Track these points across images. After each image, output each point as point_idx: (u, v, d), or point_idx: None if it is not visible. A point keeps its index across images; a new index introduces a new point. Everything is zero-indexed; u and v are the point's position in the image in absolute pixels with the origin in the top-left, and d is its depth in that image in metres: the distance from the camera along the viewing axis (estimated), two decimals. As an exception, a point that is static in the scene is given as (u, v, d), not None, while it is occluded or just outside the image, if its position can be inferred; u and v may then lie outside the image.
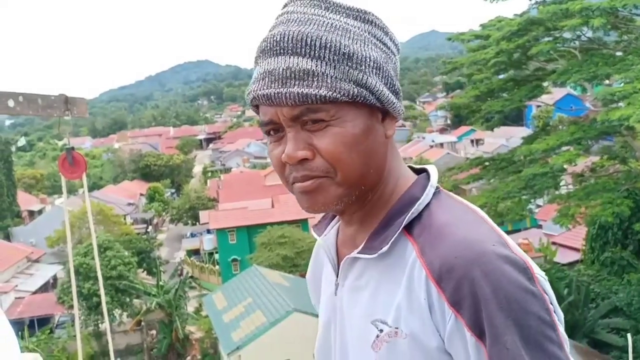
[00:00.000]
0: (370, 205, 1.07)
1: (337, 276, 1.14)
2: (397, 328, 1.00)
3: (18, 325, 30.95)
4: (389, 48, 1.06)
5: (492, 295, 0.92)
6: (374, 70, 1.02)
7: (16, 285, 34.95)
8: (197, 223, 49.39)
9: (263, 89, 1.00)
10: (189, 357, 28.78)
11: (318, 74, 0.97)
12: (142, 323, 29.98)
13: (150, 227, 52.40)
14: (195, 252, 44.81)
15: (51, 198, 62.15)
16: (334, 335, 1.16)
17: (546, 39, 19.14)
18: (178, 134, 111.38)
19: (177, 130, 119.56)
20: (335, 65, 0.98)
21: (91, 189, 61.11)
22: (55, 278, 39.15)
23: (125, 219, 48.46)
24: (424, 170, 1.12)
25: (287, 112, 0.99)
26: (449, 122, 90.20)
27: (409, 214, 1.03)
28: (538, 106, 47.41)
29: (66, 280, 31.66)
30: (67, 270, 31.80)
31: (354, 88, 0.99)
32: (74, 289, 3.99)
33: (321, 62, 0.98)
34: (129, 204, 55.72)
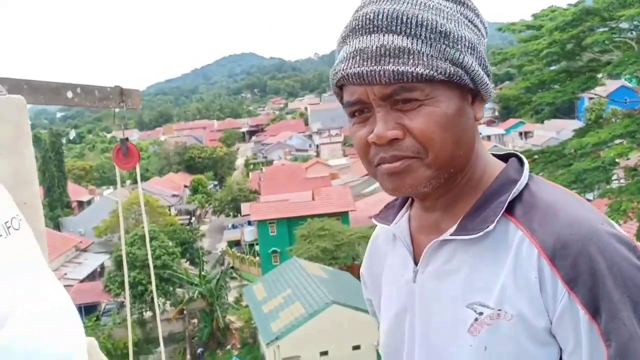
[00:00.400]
0: (457, 189, 1.06)
1: (416, 263, 1.11)
2: (499, 310, 0.97)
3: (66, 312, 32.00)
4: (479, 30, 1.05)
5: (608, 271, 0.91)
6: (469, 50, 1.00)
7: (65, 274, 35.87)
8: (239, 215, 49.94)
9: (354, 67, 0.98)
10: (229, 346, 29.23)
11: (414, 51, 0.95)
12: (185, 312, 30.54)
13: (193, 218, 53.25)
14: (236, 243, 45.35)
15: (99, 189, 63.69)
16: (409, 324, 1.11)
17: (601, 29, 18.63)
18: (222, 127, 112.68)
19: (221, 123, 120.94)
20: (431, 44, 0.96)
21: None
22: (102, 267, 40.22)
23: (169, 210, 49.36)
24: (504, 157, 1.12)
25: (378, 90, 0.97)
26: (497, 114, 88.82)
27: (511, 194, 1.01)
28: (590, 98, 46.17)
29: (113, 269, 32.44)
30: (114, 259, 32.61)
31: (450, 67, 0.97)
32: (126, 278, 4.14)
33: (417, 40, 0.96)
34: (174, 196, 56.74)
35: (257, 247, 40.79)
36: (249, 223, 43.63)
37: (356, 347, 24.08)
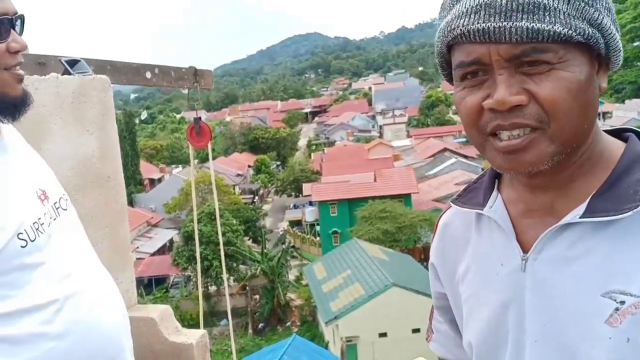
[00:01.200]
0: (575, 167, 0.96)
1: (523, 250, 1.00)
2: None
3: (138, 282, 33.23)
4: None
5: None
6: (606, 11, 0.91)
7: (137, 247, 37.55)
8: (300, 195, 50.34)
9: (478, 23, 0.88)
10: (288, 323, 29.70)
11: (550, 8, 0.85)
12: (247, 288, 31.17)
13: (256, 198, 54.11)
14: (297, 223, 45.83)
15: (169, 167, 65.32)
16: (516, 319, 1.00)
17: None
18: (285, 108, 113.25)
19: (285, 104, 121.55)
20: (569, 1, 0.87)
21: (204, 160, 63.71)
22: (171, 242, 41.58)
23: (234, 189, 50.31)
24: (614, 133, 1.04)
25: (505, 50, 0.87)
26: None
27: None
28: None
29: (181, 244, 33.45)
30: (182, 234, 33.65)
31: (588, 28, 0.88)
32: (197, 253, 4.39)
33: None
34: (238, 175, 57.71)
35: (317, 228, 41.10)
36: (310, 203, 43.94)
37: (416, 330, 23.92)
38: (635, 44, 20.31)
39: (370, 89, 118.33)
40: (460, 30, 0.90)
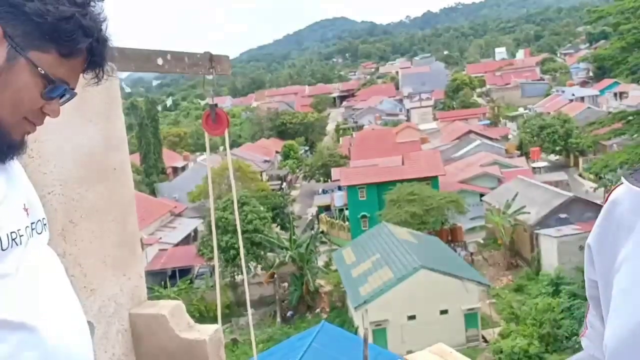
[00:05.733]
0: None
1: None
2: None
3: (161, 275, 33.27)
4: None
5: None
6: None
7: (160, 238, 37.32)
8: (329, 180, 50.31)
9: None
10: (318, 309, 29.74)
11: None
12: (275, 276, 31.23)
13: (284, 184, 54.18)
14: (326, 208, 45.78)
15: (193, 155, 65.36)
16: None
17: None
18: (313, 92, 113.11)
19: (312, 89, 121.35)
20: None
21: (230, 146, 63.58)
22: (195, 231, 41.30)
23: (261, 175, 50.40)
24: None
25: None
26: (591, 74, 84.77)
27: None
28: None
29: (206, 233, 33.37)
30: (207, 223, 33.53)
31: None
32: (214, 242, 4.25)
33: None
34: (265, 161, 57.79)
35: (346, 212, 41.10)
36: (339, 188, 43.92)
37: (444, 312, 24.01)
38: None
39: (397, 73, 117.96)
40: None
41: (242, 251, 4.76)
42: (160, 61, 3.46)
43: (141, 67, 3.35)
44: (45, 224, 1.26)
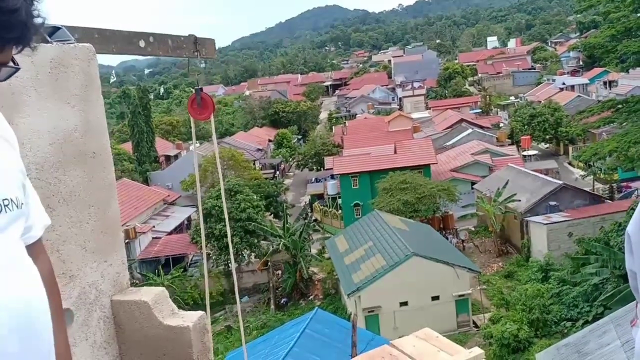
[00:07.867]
0: None
1: None
2: None
3: (155, 263, 33.31)
4: None
5: None
6: None
7: (153, 226, 37.31)
8: (322, 168, 50.34)
9: None
10: (311, 296, 29.83)
11: None
12: (269, 263, 31.27)
13: (277, 172, 54.12)
14: (319, 197, 45.85)
15: (186, 144, 65.17)
16: None
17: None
18: (305, 81, 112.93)
19: (305, 77, 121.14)
20: None
21: (223, 135, 63.74)
22: (189, 219, 41.50)
23: (254, 164, 50.29)
24: None
25: None
26: (581, 63, 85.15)
27: None
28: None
29: (200, 221, 33.39)
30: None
31: None
32: (202, 229, 4.21)
33: None
34: (258, 150, 57.68)
35: (339, 200, 41.13)
36: (332, 176, 43.95)
37: (435, 298, 24.25)
38: (639, 14, 20.08)
39: (389, 61, 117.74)
40: None
41: (229, 238, 4.72)
42: (142, 43, 3.36)
43: (123, 49, 3.25)
44: (6, 205, 1.20)
